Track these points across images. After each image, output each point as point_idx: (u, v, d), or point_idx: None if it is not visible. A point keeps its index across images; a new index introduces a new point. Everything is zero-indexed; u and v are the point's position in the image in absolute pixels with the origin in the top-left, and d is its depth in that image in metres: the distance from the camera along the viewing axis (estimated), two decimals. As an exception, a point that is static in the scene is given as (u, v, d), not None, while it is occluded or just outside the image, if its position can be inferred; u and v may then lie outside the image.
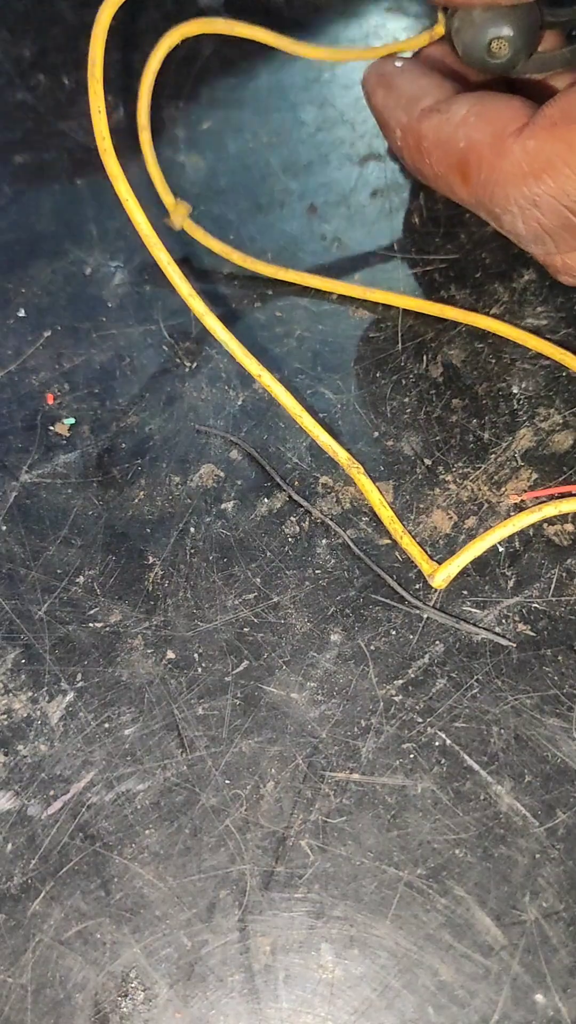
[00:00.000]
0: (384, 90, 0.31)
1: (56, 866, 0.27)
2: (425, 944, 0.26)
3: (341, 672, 0.29)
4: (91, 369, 0.35)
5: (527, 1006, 0.25)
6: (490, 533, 0.29)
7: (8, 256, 0.37)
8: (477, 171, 0.28)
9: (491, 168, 0.27)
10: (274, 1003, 0.25)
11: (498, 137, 0.27)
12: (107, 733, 0.28)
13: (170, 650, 0.29)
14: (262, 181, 0.38)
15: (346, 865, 0.26)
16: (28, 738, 0.28)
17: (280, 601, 0.30)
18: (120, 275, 0.36)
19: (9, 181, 0.39)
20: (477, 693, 0.28)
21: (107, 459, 0.33)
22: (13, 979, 0.26)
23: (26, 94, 0.41)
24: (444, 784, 0.27)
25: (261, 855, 0.27)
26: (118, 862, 0.27)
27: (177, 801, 0.27)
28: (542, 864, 0.26)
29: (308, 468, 0.32)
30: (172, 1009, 0.25)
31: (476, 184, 0.28)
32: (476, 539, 0.29)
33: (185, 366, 0.34)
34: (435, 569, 0.29)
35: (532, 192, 0.26)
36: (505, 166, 0.27)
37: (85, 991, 0.25)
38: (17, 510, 0.32)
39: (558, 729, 0.28)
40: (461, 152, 0.28)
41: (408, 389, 0.33)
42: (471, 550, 0.29)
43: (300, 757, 0.28)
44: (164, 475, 0.32)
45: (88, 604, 0.30)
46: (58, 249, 0.37)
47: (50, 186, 0.39)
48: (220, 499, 0.32)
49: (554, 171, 0.26)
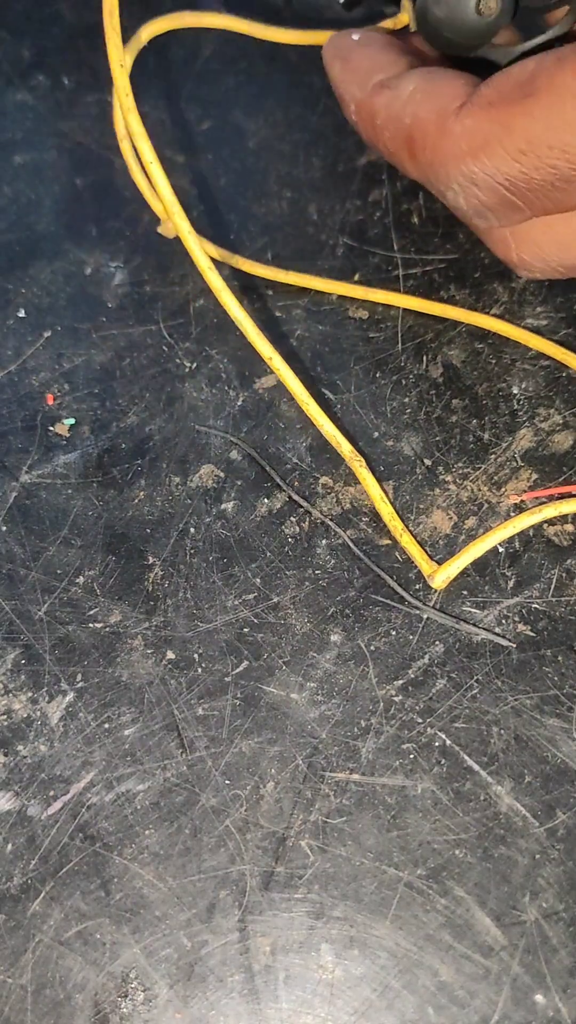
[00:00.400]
0: (341, 63, 0.31)
1: (56, 866, 0.27)
2: (425, 944, 0.26)
3: (341, 672, 0.29)
4: (91, 369, 0.35)
5: (527, 1006, 0.25)
6: (490, 534, 0.29)
7: (8, 256, 0.37)
8: (422, 148, 0.28)
9: (434, 146, 0.27)
10: (274, 1003, 0.25)
11: (441, 115, 0.27)
12: (107, 733, 0.28)
13: (170, 650, 0.29)
14: (262, 181, 0.38)
15: (346, 865, 0.26)
16: (28, 738, 0.28)
17: (280, 601, 0.30)
18: (120, 275, 0.36)
19: (9, 181, 0.39)
20: (477, 693, 0.28)
21: (107, 459, 0.33)
22: (13, 979, 0.26)
23: (26, 94, 0.41)
24: (444, 784, 0.27)
25: (261, 855, 0.27)
26: (118, 862, 0.27)
27: (177, 801, 0.27)
28: (542, 864, 0.26)
29: (308, 468, 0.32)
30: (172, 1009, 0.25)
31: (422, 161, 0.28)
32: (476, 540, 0.29)
33: (185, 366, 0.34)
34: (435, 570, 0.29)
35: (469, 170, 0.27)
36: (445, 144, 0.27)
37: (85, 991, 0.25)
38: (17, 510, 0.32)
39: (558, 729, 0.28)
40: (408, 129, 0.28)
41: (408, 389, 0.33)
42: (471, 551, 0.29)
43: (300, 757, 0.28)
44: (164, 475, 0.32)
45: (88, 604, 0.30)
46: (58, 249, 0.37)
47: (50, 186, 0.39)
48: (220, 499, 0.32)
49: (489, 150, 0.26)
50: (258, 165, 0.38)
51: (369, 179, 0.38)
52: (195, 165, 0.39)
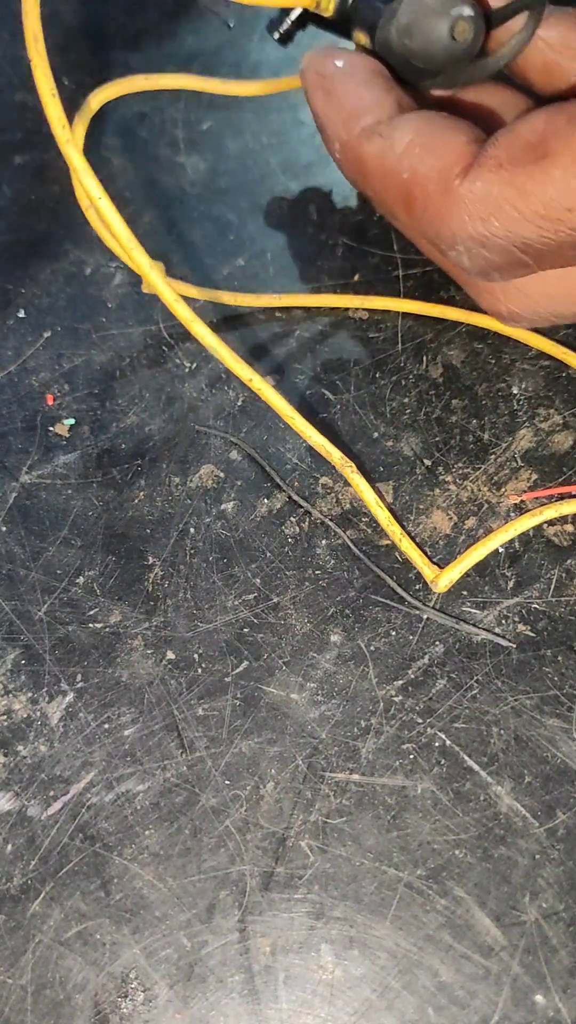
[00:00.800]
0: (324, 96, 0.29)
1: (56, 867, 0.27)
2: (425, 945, 0.26)
3: (341, 673, 0.29)
4: (91, 370, 0.35)
5: (527, 1006, 0.25)
6: (491, 538, 0.29)
7: (8, 257, 0.37)
8: (422, 206, 0.27)
9: (437, 206, 0.26)
10: (274, 1004, 0.25)
11: (444, 174, 0.26)
12: (107, 734, 0.28)
13: (170, 651, 0.29)
14: (262, 182, 0.38)
15: (346, 866, 0.26)
16: (28, 739, 0.28)
17: (280, 602, 0.30)
18: (120, 276, 0.36)
19: (9, 182, 0.39)
20: (477, 694, 0.28)
21: (107, 460, 0.33)
22: (13, 980, 0.26)
23: (26, 95, 0.41)
24: (444, 785, 0.27)
25: (261, 856, 0.27)
26: (118, 863, 0.27)
27: (177, 802, 0.27)
28: (542, 865, 0.26)
29: (308, 468, 0.32)
30: (172, 1010, 0.25)
31: (420, 218, 0.27)
32: (477, 544, 0.29)
33: (185, 367, 0.34)
34: (437, 575, 0.29)
35: (480, 234, 0.26)
36: (451, 206, 0.26)
37: (85, 992, 0.25)
38: (17, 511, 0.32)
39: (558, 730, 0.28)
40: (404, 184, 0.27)
41: (408, 389, 0.33)
42: (472, 555, 0.29)
43: (300, 758, 0.28)
44: (164, 476, 0.32)
45: (88, 605, 0.30)
46: (58, 250, 0.37)
47: (50, 187, 0.38)
48: (220, 500, 0.32)
49: (501, 213, 0.25)
50: (258, 164, 0.38)
51: (369, 179, 0.38)
52: (195, 165, 0.39)
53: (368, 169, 0.28)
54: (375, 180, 0.28)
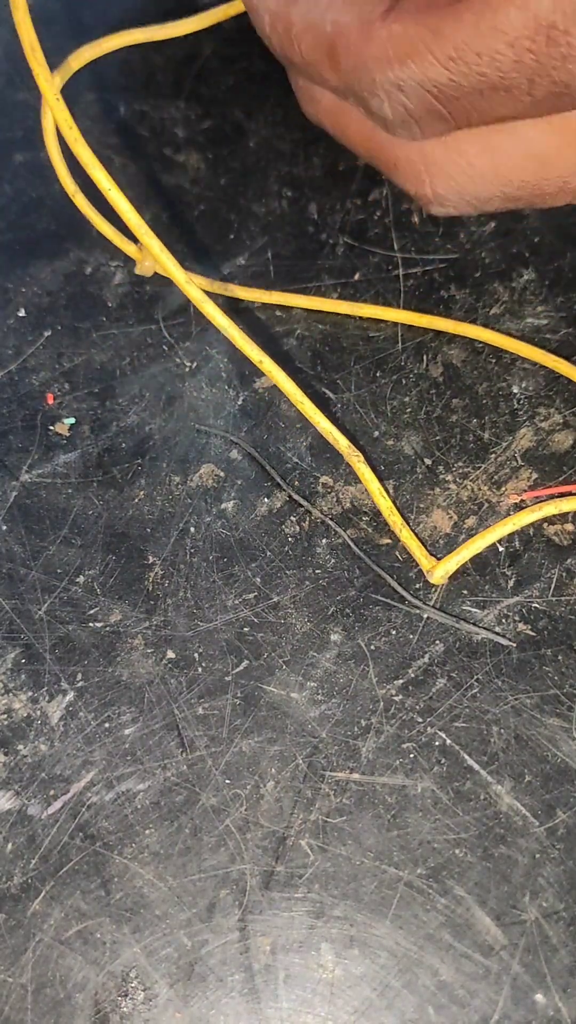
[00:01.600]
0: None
1: (56, 866, 0.27)
2: (425, 944, 0.26)
3: (341, 672, 0.29)
4: (91, 369, 0.35)
5: (527, 1006, 0.25)
6: (490, 531, 0.29)
7: (8, 255, 0.37)
8: (345, 56, 0.27)
9: (358, 52, 0.27)
10: (274, 1003, 0.25)
11: (365, 21, 0.26)
12: (107, 733, 0.28)
13: (170, 650, 0.29)
14: (262, 181, 0.38)
15: (346, 865, 0.26)
16: (28, 738, 0.28)
17: (280, 601, 0.30)
18: (120, 275, 0.36)
19: (9, 180, 0.39)
20: (477, 693, 0.28)
21: (107, 459, 0.33)
22: (13, 979, 0.26)
23: (26, 93, 0.41)
24: (444, 784, 0.27)
25: (261, 855, 0.27)
26: (118, 862, 0.27)
27: (177, 801, 0.27)
28: (542, 864, 0.26)
29: (308, 468, 0.32)
30: (172, 1009, 0.25)
31: (345, 69, 0.27)
32: (476, 537, 0.29)
33: (185, 366, 0.34)
34: (434, 565, 0.29)
35: (397, 77, 0.26)
36: (371, 50, 0.26)
37: (85, 991, 0.25)
38: (17, 510, 0.32)
39: (558, 729, 0.28)
40: (329, 36, 0.27)
41: (408, 389, 0.33)
42: (470, 547, 0.29)
43: (300, 757, 0.28)
44: (164, 475, 0.32)
45: (88, 604, 0.30)
46: (58, 249, 0.37)
47: (50, 185, 0.38)
48: (220, 499, 0.32)
49: (419, 56, 0.25)
50: (258, 164, 0.38)
51: (369, 178, 0.38)
52: (195, 165, 0.39)
53: (296, 32, 0.28)
54: (303, 41, 0.28)
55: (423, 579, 0.30)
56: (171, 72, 0.41)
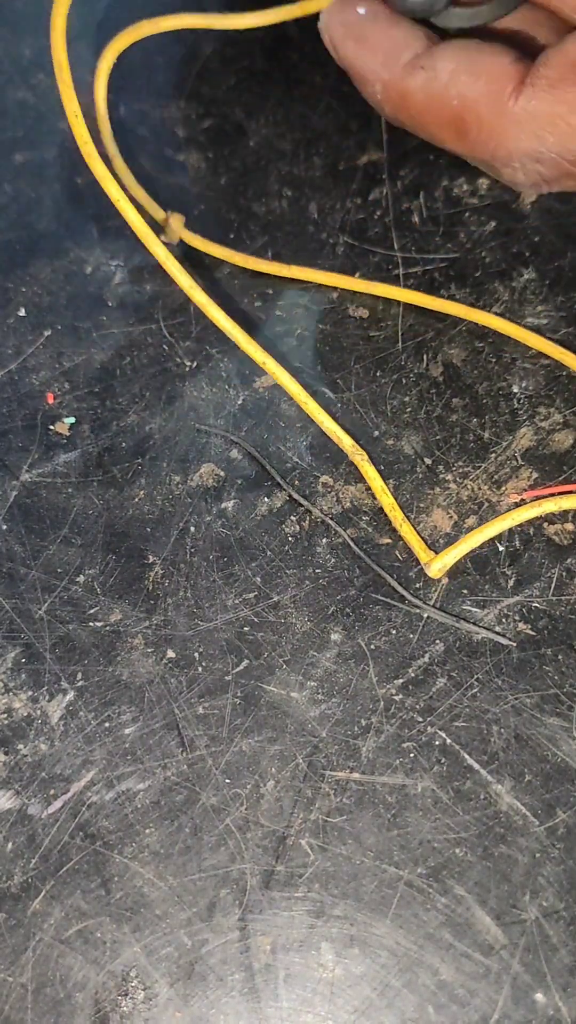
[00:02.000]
0: (354, 43, 0.30)
1: (56, 865, 0.27)
2: (425, 943, 0.26)
3: (341, 671, 0.29)
4: (91, 368, 0.35)
5: (527, 1005, 0.25)
6: (489, 525, 0.29)
7: (8, 255, 0.37)
8: (476, 129, 0.28)
9: (491, 127, 0.28)
10: (274, 1002, 0.25)
11: (496, 96, 0.27)
12: (107, 732, 0.28)
13: (170, 649, 0.29)
14: (262, 180, 0.38)
15: (346, 864, 0.26)
16: (28, 737, 0.28)
17: (280, 600, 0.30)
18: (120, 274, 0.36)
19: (9, 180, 0.39)
20: (477, 692, 0.28)
21: (107, 458, 0.33)
22: (13, 978, 0.26)
23: (26, 92, 0.41)
24: (444, 783, 0.27)
25: (261, 854, 0.27)
26: (118, 861, 0.27)
27: (177, 800, 0.27)
28: (542, 863, 0.26)
29: (308, 467, 0.32)
30: (172, 1008, 0.25)
31: (474, 141, 0.29)
32: (474, 531, 0.29)
33: (185, 365, 0.34)
34: (431, 558, 0.29)
35: (535, 150, 0.28)
36: (506, 125, 0.28)
37: (85, 990, 0.25)
38: (17, 509, 0.32)
39: (558, 728, 0.28)
40: (455, 110, 0.28)
41: (408, 388, 0.33)
42: (469, 541, 0.29)
43: (300, 756, 0.28)
44: (164, 474, 0.32)
45: (88, 603, 0.30)
46: (58, 248, 0.37)
47: (50, 185, 0.38)
48: (220, 498, 0.32)
49: (555, 129, 0.27)
50: (258, 164, 0.38)
51: (370, 178, 0.38)
52: (195, 165, 0.39)
53: (414, 103, 0.29)
54: (423, 113, 0.29)
55: (423, 579, 0.30)
56: (171, 72, 0.41)
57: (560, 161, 0.28)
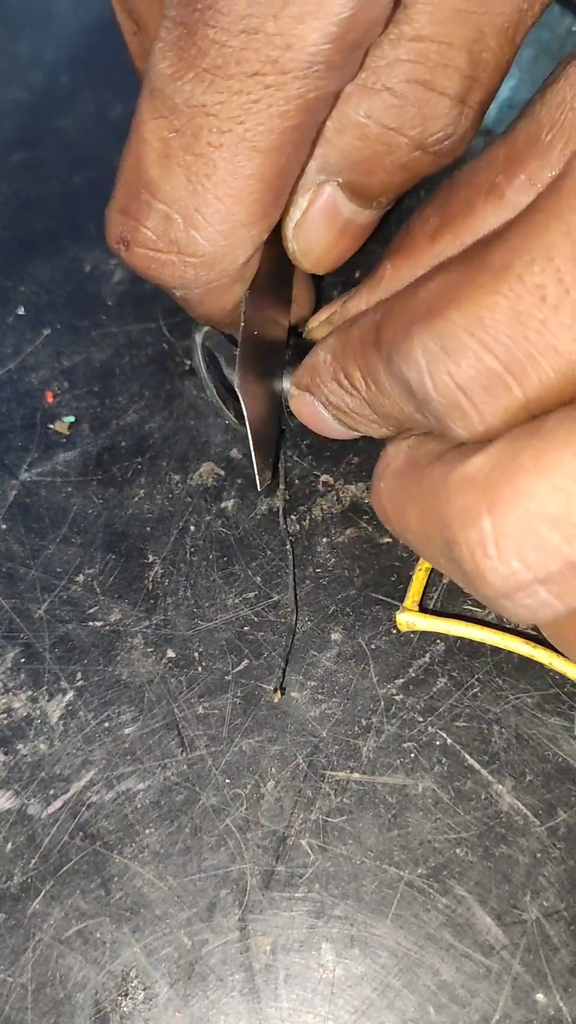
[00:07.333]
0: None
1: (56, 865, 0.27)
2: (426, 943, 0.26)
3: (342, 671, 0.29)
4: (91, 367, 0.34)
5: (528, 1005, 0.25)
6: (477, 627, 0.28)
7: (7, 254, 0.37)
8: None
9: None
10: (274, 1002, 0.25)
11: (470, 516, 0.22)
12: (107, 732, 0.28)
13: (170, 649, 0.29)
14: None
15: (347, 864, 0.26)
16: (28, 737, 0.28)
17: (280, 600, 0.30)
18: (119, 273, 0.36)
19: (7, 179, 0.39)
20: (478, 692, 0.28)
21: (107, 457, 0.33)
22: (13, 978, 0.26)
23: (24, 92, 0.41)
24: (445, 783, 0.27)
25: (261, 854, 0.27)
26: (118, 861, 0.27)
27: (177, 800, 0.27)
28: (543, 863, 0.26)
29: (309, 467, 0.32)
30: (172, 1008, 0.25)
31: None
32: (462, 622, 0.28)
33: (185, 364, 0.34)
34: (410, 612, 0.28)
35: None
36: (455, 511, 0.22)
37: (85, 990, 0.25)
38: (17, 508, 0.32)
39: (559, 728, 0.28)
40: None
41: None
42: (451, 627, 0.28)
43: (300, 756, 0.28)
44: (164, 473, 0.32)
45: (88, 603, 0.30)
46: (57, 247, 0.37)
47: (49, 184, 0.38)
48: (220, 497, 0.32)
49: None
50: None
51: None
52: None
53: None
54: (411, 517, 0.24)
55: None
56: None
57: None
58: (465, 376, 0.21)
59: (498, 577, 0.20)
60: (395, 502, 0.24)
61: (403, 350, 0.22)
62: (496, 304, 0.20)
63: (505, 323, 0.20)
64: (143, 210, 0.24)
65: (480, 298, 0.20)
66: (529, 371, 0.20)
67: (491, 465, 0.20)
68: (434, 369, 0.21)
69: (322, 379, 0.27)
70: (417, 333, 0.21)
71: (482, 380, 0.20)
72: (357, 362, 0.25)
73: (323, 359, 0.26)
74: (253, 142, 0.23)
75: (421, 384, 0.21)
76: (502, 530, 0.20)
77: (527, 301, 0.20)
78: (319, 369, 0.27)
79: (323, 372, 0.26)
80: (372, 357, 0.24)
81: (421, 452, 0.24)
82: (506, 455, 0.20)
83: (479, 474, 0.20)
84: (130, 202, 0.25)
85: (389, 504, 0.25)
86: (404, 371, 0.22)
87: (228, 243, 0.24)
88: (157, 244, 0.25)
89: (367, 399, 0.25)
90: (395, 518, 0.25)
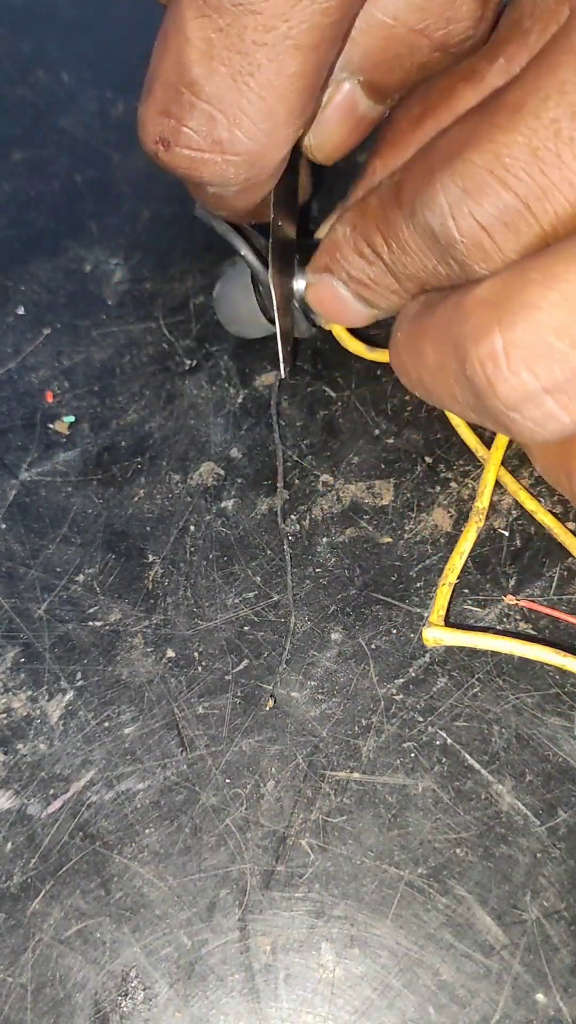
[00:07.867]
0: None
1: (56, 865, 0.27)
2: (426, 943, 0.25)
3: (342, 671, 0.29)
4: (91, 367, 0.34)
5: (528, 1005, 0.25)
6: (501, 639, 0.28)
7: (7, 253, 0.37)
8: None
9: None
10: (274, 1002, 0.25)
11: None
12: (107, 732, 0.28)
13: (170, 649, 0.29)
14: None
15: (347, 864, 0.26)
16: (28, 737, 0.28)
17: (280, 600, 0.30)
18: (120, 272, 0.36)
19: (8, 178, 0.39)
20: (478, 692, 0.28)
21: (107, 457, 0.33)
22: (13, 978, 0.26)
23: (25, 90, 0.41)
24: (445, 783, 0.27)
25: (261, 854, 0.27)
26: (118, 861, 0.27)
27: (177, 800, 0.27)
28: (543, 863, 0.26)
29: (309, 466, 0.32)
30: (172, 1008, 0.25)
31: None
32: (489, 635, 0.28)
33: (185, 364, 0.34)
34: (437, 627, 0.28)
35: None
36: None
37: (85, 990, 0.25)
38: (17, 508, 0.32)
39: (559, 728, 0.28)
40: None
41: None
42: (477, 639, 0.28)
43: (300, 756, 0.28)
44: (164, 473, 0.32)
45: (88, 603, 0.30)
46: (57, 246, 0.37)
47: (49, 183, 0.38)
48: (220, 497, 0.32)
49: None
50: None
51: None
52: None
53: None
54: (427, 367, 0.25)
55: (424, 578, 0.30)
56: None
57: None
58: (487, 215, 0.22)
59: (507, 387, 0.21)
60: (411, 343, 0.25)
61: (426, 197, 0.23)
62: (513, 141, 0.21)
63: (523, 159, 0.21)
64: (185, 110, 0.24)
65: (497, 136, 0.21)
66: (546, 204, 0.21)
67: (501, 284, 0.21)
68: (457, 211, 0.22)
69: (342, 253, 0.27)
70: (439, 178, 0.22)
71: (503, 217, 0.22)
72: (379, 227, 0.25)
73: (342, 233, 0.27)
74: (296, 40, 0.23)
75: (445, 228, 0.23)
76: (512, 340, 0.21)
77: (542, 136, 0.21)
78: (339, 244, 0.27)
79: (343, 246, 0.27)
80: (394, 215, 0.25)
81: (436, 296, 0.25)
82: (515, 274, 0.21)
83: (491, 294, 0.21)
84: (171, 102, 0.25)
85: (405, 348, 0.26)
86: (428, 218, 0.23)
87: (270, 140, 0.25)
88: (200, 144, 0.25)
89: (389, 264, 0.26)
90: (411, 361, 0.26)
